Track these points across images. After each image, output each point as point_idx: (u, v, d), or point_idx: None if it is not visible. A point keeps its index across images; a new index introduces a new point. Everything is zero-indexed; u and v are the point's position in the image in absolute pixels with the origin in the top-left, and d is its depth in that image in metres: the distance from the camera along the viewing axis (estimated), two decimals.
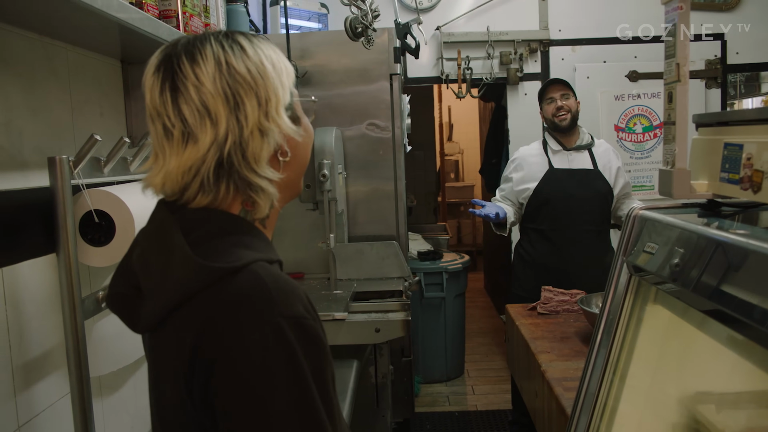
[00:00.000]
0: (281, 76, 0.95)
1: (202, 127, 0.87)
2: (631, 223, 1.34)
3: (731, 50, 4.17)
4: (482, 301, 6.68)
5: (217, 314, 0.82)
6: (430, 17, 4.16)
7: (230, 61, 0.89)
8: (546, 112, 3.17)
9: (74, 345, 1.31)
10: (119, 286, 0.97)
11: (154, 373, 0.95)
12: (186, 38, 0.93)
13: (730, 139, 1.12)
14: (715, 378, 1.19)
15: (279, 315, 0.81)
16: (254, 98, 0.90)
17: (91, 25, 1.36)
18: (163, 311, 0.86)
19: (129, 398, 1.74)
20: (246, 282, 0.83)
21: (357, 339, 2.50)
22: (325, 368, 0.85)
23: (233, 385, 0.80)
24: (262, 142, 0.90)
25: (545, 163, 3.17)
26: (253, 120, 0.89)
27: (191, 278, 0.84)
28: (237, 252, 0.86)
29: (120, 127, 1.76)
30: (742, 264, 0.95)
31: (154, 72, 0.91)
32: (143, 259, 0.92)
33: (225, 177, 0.89)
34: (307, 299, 0.87)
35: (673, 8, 1.15)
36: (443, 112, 8.21)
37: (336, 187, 2.81)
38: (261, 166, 0.90)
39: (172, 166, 0.88)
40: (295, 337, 0.81)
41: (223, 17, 2.00)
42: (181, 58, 0.89)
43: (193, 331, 0.82)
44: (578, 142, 3.18)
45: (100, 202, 1.40)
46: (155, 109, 0.90)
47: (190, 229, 0.88)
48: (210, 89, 0.87)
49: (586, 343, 2.29)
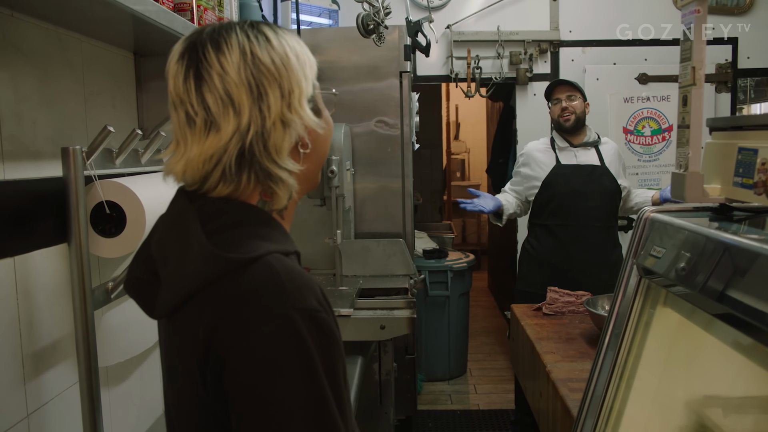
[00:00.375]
0: (305, 68, 0.95)
1: (225, 116, 0.87)
2: (642, 225, 1.33)
3: (742, 54, 4.15)
4: (486, 300, 6.67)
5: (231, 305, 0.82)
6: (441, 16, 4.15)
7: (255, 51, 0.89)
8: (552, 112, 3.22)
9: (84, 335, 1.31)
10: (137, 271, 0.98)
11: (168, 359, 0.96)
12: (212, 27, 0.93)
13: (744, 143, 1.12)
14: (723, 382, 1.18)
15: (292, 307, 0.81)
16: (277, 89, 0.90)
17: (106, 16, 1.36)
18: (179, 299, 0.87)
19: (135, 389, 1.74)
20: (260, 273, 0.83)
21: (362, 335, 2.51)
22: (337, 362, 0.85)
23: (245, 376, 0.80)
24: (284, 134, 0.90)
25: (552, 159, 3.20)
26: (275, 111, 0.89)
27: (206, 267, 0.84)
28: (253, 243, 0.87)
29: (131, 119, 1.77)
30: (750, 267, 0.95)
31: (178, 59, 0.91)
32: (161, 246, 0.93)
33: (246, 167, 0.89)
34: (321, 292, 0.88)
35: (690, 11, 1.14)
36: (450, 111, 8.21)
37: (344, 183, 2.81)
38: (282, 157, 0.91)
39: (193, 154, 0.89)
40: (308, 330, 0.81)
41: (236, 11, 2.00)
42: (207, 46, 0.89)
43: (207, 321, 0.83)
44: (585, 140, 3.21)
45: (112, 194, 1.40)
46: (178, 96, 0.90)
47: (208, 218, 0.88)
48: (234, 78, 0.88)
49: (591, 345, 2.28)
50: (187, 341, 0.86)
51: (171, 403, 0.96)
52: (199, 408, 0.87)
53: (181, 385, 0.90)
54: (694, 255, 1.11)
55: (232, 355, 0.81)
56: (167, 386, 0.98)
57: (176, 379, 0.92)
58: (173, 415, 0.96)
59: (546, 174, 3.17)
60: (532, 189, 3.22)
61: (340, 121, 3.06)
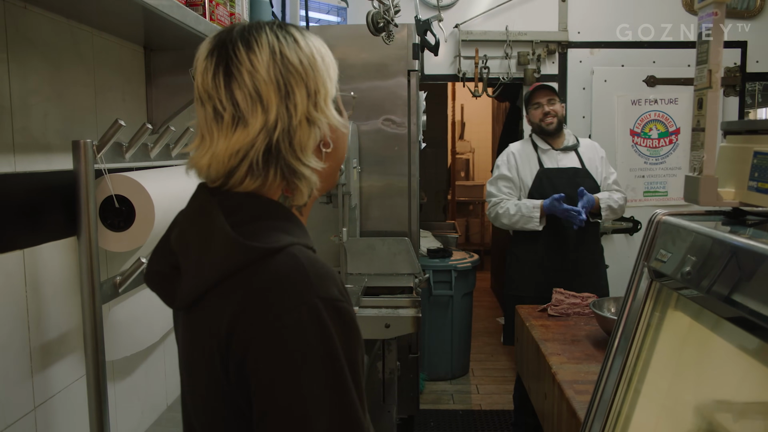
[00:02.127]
0: (329, 69, 0.98)
1: (253, 113, 0.90)
2: (653, 228, 1.33)
3: (751, 58, 4.13)
4: (488, 300, 6.67)
5: (254, 293, 0.84)
6: (449, 15, 4.14)
7: (284, 51, 0.92)
8: (533, 116, 3.27)
9: (92, 328, 1.31)
10: (158, 264, 0.99)
11: (188, 351, 0.96)
12: (241, 26, 0.95)
13: (760, 147, 1.11)
14: (734, 387, 1.18)
15: (316, 296, 0.83)
16: (304, 89, 0.92)
17: (118, 9, 1.36)
18: (202, 289, 0.88)
19: (140, 384, 1.74)
20: (284, 263, 0.85)
21: (367, 334, 2.50)
22: (357, 352, 0.86)
23: (268, 363, 0.81)
24: (310, 132, 0.93)
25: (536, 163, 3.25)
26: (302, 109, 0.91)
27: (231, 256, 0.86)
28: (275, 235, 0.89)
29: (141, 113, 1.76)
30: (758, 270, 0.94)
31: (206, 56, 0.93)
32: (182, 240, 0.94)
33: (273, 163, 0.91)
34: (341, 284, 0.89)
35: (708, 14, 1.13)
36: (456, 110, 8.19)
37: (350, 181, 2.80)
38: (306, 154, 0.93)
39: (219, 148, 0.90)
40: (330, 319, 0.83)
41: (247, 7, 1.99)
42: (237, 44, 0.91)
43: (231, 310, 0.84)
44: (565, 143, 3.28)
45: (121, 188, 1.40)
46: (206, 92, 0.92)
47: (231, 212, 0.90)
48: (264, 76, 0.90)
49: (597, 347, 2.28)
50: (209, 332, 0.87)
51: (189, 397, 0.97)
52: (220, 401, 0.87)
53: (202, 378, 0.90)
54: (702, 257, 1.10)
55: (255, 344, 0.82)
56: (185, 380, 0.98)
57: (196, 373, 0.92)
58: (191, 410, 0.96)
59: (532, 177, 3.23)
60: (521, 191, 3.28)
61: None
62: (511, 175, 3.28)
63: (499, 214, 3.25)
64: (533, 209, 3.14)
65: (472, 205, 8.60)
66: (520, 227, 3.22)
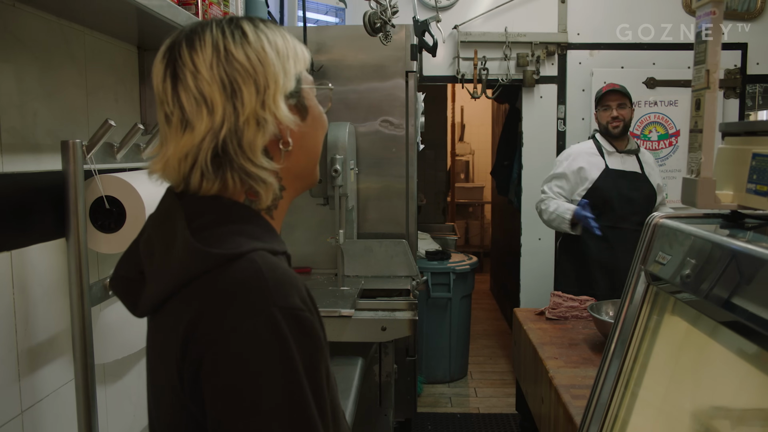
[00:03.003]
0: (286, 62, 0.92)
1: (198, 115, 0.87)
2: (650, 231, 1.31)
3: (752, 60, 4.11)
4: (488, 303, 6.65)
5: (210, 301, 0.81)
6: (448, 16, 4.12)
7: (229, 47, 0.88)
8: (601, 117, 3.29)
9: (80, 331, 1.29)
10: (124, 270, 0.97)
11: (151, 358, 0.94)
12: (191, 25, 0.92)
13: (759, 149, 1.09)
14: (731, 392, 1.16)
15: (273, 305, 0.80)
16: (252, 86, 0.88)
17: (111, 8, 1.34)
18: (161, 296, 0.86)
19: (132, 387, 1.72)
20: (243, 270, 0.82)
21: (363, 337, 2.49)
22: (319, 363, 0.83)
23: (222, 374, 0.78)
24: (257, 131, 0.88)
25: (602, 163, 3.26)
26: (249, 108, 0.88)
27: (189, 263, 0.83)
28: (238, 240, 0.85)
29: (134, 113, 1.75)
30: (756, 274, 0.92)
31: (160, 59, 0.91)
32: (148, 245, 0.92)
33: (226, 166, 0.88)
34: (306, 292, 0.86)
35: (706, 13, 1.12)
36: (456, 112, 8.17)
37: (347, 182, 2.79)
38: (256, 155, 0.89)
39: (170, 153, 0.88)
40: (289, 329, 0.79)
41: (242, 6, 1.97)
42: (182, 45, 0.88)
43: (187, 317, 0.81)
44: (629, 146, 3.31)
45: (112, 189, 1.38)
46: (159, 96, 0.90)
47: (194, 215, 0.87)
48: (206, 76, 0.86)
49: (594, 351, 2.26)
50: (168, 339, 0.84)
51: (153, 406, 0.95)
52: (178, 410, 0.85)
53: (162, 387, 0.88)
54: (700, 261, 1.09)
55: (210, 352, 0.79)
56: (150, 389, 0.96)
57: (158, 381, 0.90)
58: (155, 420, 0.94)
59: (596, 176, 3.23)
60: (581, 189, 3.26)
61: (344, 120, 3.04)
62: (569, 172, 3.29)
63: (542, 210, 3.32)
64: (567, 211, 3.18)
65: (472, 207, 8.58)
66: (556, 227, 3.29)
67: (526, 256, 4.31)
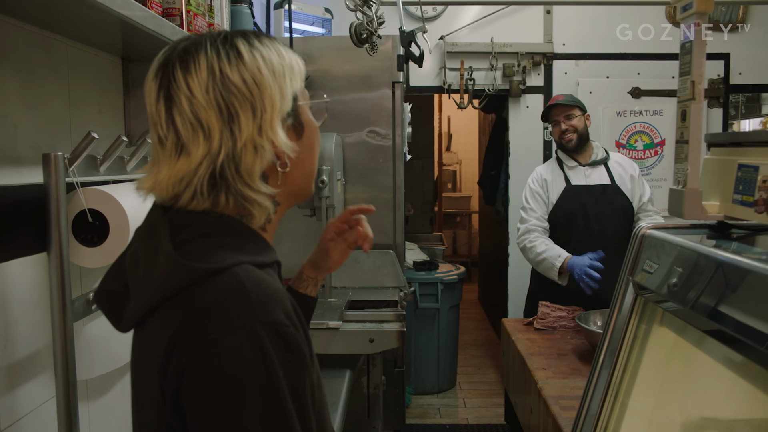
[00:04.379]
0: (282, 82, 0.91)
1: (194, 140, 0.85)
2: (637, 242, 1.31)
3: (734, 70, 4.15)
4: (476, 312, 6.64)
5: (193, 316, 0.80)
6: (434, 26, 4.14)
7: (224, 70, 0.86)
8: (553, 134, 3.11)
9: (62, 347, 1.27)
10: (109, 283, 0.95)
11: (134, 371, 0.93)
12: (185, 42, 0.90)
13: (744, 160, 1.09)
14: (719, 403, 1.16)
15: (256, 320, 0.78)
16: (249, 110, 0.86)
17: (94, 20, 1.32)
18: (144, 310, 0.84)
19: (117, 402, 1.69)
20: (225, 284, 0.80)
21: (351, 349, 2.47)
22: (304, 379, 0.82)
23: (203, 390, 0.77)
24: (255, 157, 0.87)
25: (562, 180, 3.07)
26: (246, 133, 0.86)
27: (170, 277, 0.82)
28: (222, 253, 0.84)
29: (118, 125, 1.73)
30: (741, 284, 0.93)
31: (153, 77, 0.89)
32: (134, 258, 0.90)
33: (222, 189, 0.87)
34: (291, 307, 0.84)
35: (690, 25, 1.12)
36: (443, 122, 8.20)
37: (334, 193, 2.78)
38: (254, 180, 0.87)
39: (162, 176, 0.87)
40: (272, 344, 0.78)
41: (228, 18, 1.97)
42: (176, 66, 0.86)
43: (169, 332, 0.80)
44: (593, 158, 3.09)
45: (95, 202, 1.36)
46: (152, 116, 0.88)
47: (179, 228, 0.86)
48: (202, 102, 0.84)
49: (583, 361, 2.26)
50: (150, 354, 0.83)
51: (136, 420, 0.93)
52: (159, 422, 0.83)
53: (145, 403, 0.86)
54: (686, 271, 1.09)
55: (191, 368, 0.77)
56: (134, 405, 0.94)
57: (142, 396, 0.89)
58: (136, 428, 0.93)
59: (558, 196, 3.05)
60: (547, 213, 3.09)
61: (331, 130, 3.03)
62: (542, 191, 3.09)
63: (527, 248, 3.05)
64: (557, 258, 2.88)
65: (459, 217, 8.59)
66: (542, 271, 2.99)
67: (514, 265, 4.31)
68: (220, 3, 1.83)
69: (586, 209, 3.00)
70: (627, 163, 3.14)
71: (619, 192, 3.03)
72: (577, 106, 3.06)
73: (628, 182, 3.06)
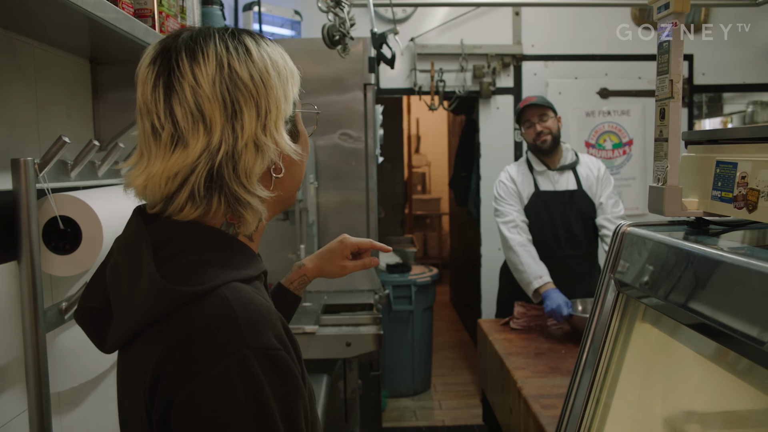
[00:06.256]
0: (286, 85, 0.89)
1: (194, 133, 0.81)
2: (618, 239, 1.31)
3: (698, 71, 4.24)
4: (448, 314, 6.66)
5: (179, 343, 0.75)
6: (405, 28, 4.14)
7: (233, 64, 0.83)
8: (527, 135, 3.08)
9: (34, 359, 1.22)
10: (92, 299, 0.90)
11: (121, 396, 0.89)
12: (189, 32, 0.86)
13: (722, 157, 1.11)
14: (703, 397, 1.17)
15: (245, 346, 0.74)
16: (254, 108, 0.83)
17: (61, 20, 1.28)
18: (128, 334, 0.80)
19: (90, 415, 1.65)
20: (212, 308, 0.76)
21: (328, 353, 2.45)
22: (297, 403, 0.78)
23: (192, 421, 0.73)
24: (256, 157, 0.84)
25: (532, 185, 3.08)
26: (249, 132, 0.82)
27: (154, 302, 0.77)
28: (208, 272, 0.79)
29: (87, 129, 1.68)
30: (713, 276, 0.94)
31: (149, 64, 0.84)
32: (115, 273, 0.85)
33: (216, 189, 0.82)
34: (282, 326, 0.80)
35: (667, 25, 1.13)
36: (411, 124, 8.22)
37: (307, 197, 2.76)
38: (252, 182, 0.84)
39: (156, 169, 0.82)
40: (262, 371, 0.74)
41: (199, 19, 1.93)
42: (181, 54, 0.82)
43: (154, 359, 0.76)
44: (561, 162, 3.10)
45: (66, 208, 1.32)
46: (146, 105, 0.83)
47: (163, 243, 0.81)
48: (208, 93, 0.81)
49: (561, 360, 2.27)
50: (136, 379, 0.79)
51: None
52: None
53: (131, 425, 0.83)
54: (665, 266, 1.10)
55: (179, 398, 0.74)
56: (120, 423, 0.90)
57: (127, 417, 0.85)
58: None
59: (527, 202, 3.06)
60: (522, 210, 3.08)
61: None
62: (515, 189, 3.08)
63: (510, 258, 3.02)
64: (536, 279, 2.84)
65: (430, 219, 8.62)
66: (518, 280, 2.97)
67: (486, 266, 4.33)
68: (192, 4, 1.80)
69: (553, 216, 3.02)
70: (594, 165, 3.15)
71: (585, 198, 3.05)
72: (550, 107, 3.07)
73: (594, 185, 3.08)
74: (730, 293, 0.92)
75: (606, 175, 3.12)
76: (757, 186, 1.00)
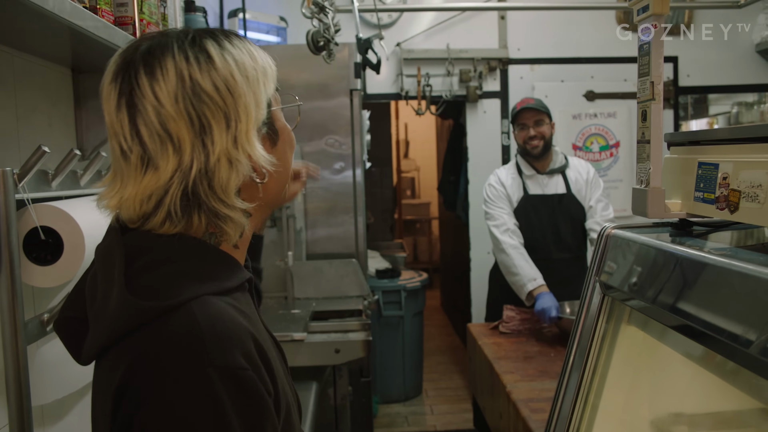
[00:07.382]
0: (256, 87, 0.84)
1: (163, 154, 0.77)
2: (603, 242, 1.31)
3: (683, 72, 4.27)
4: (439, 318, 6.65)
5: (142, 361, 0.73)
6: (390, 33, 4.15)
7: (195, 76, 0.78)
8: (518, 137, 3.06)
9: (15, 372, 1.20)
10: (69, 310, 0.89)
11: (93, 406, 0.86)
12: (148, 43, 0.81)
13: (704, 158, 1.11)
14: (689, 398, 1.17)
15: (209, 365, 0.71)
16: (223, 120, 0.79)
17: (41, 29, 1.27)
18: (98, 346, 0.78)
19: (73, 427, 1.63)
20: (179, 324, 0.74)
21: (316, 360, 2.44)
22: (263, 425, 0.75)
23: None
24: (230, 172, 0.80)
25: (521, 189, 3.07)
26: (220, 146, 0.79)
27: (121, 317, 0.75)
28: (181, 285, 0.77)
29: (69, 138, 1.67)
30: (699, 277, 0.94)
31: (111, 80, 0.80)
32: (93, 284, 0.84)
33: (195, 207, 0.79)
34: (254, 344, 0.77)
35: (648, 26, 1.13)
36: (400, 129, 8.23)
37: (294, 203, 2.75)
38: (230, 196, 0.80)
39: (128, 193, 0.79)
40: (226, 391, 0.71)
41: (181, 27, 1.92)
42: (140, 71, 0.78)
43: (119, 375, 0.74)
44: (551, 166, 3.08)
45: (47, 218, 1.30)
46: (112, 126, 0.80)
47: (136, 256, 0.79)
48: (171, 111, 0.77)
49: (550, 363, 2.27)
50: (103, 394, 0.77)
51: None
52: None
53: None
54: (649, 268, 1.10)
55: (139, 417, 0.71)
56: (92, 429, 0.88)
57: (96, 427, 0.83)
58: None
59: (516, 206, 3.04)
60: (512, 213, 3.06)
61: None
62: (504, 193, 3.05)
63: (502, 261, 2.98)
64: (530, 282, 2.81)
65: (419, 224, 8.62)
66: (510, 283, 2.94)
67: (476, 270, 4.33)
68: (174, 12, 1.79)
69: (542, 219, 3.01)
70: (583, 169, 3.13)
71: (574, 201, 3.04)
72: (547, 113, 3.04)
73: (583, 189, 3.06)
74: (713, 295, 0.92)
75: (595, 178, 3.11)
76: (738, 187, 1.01)
